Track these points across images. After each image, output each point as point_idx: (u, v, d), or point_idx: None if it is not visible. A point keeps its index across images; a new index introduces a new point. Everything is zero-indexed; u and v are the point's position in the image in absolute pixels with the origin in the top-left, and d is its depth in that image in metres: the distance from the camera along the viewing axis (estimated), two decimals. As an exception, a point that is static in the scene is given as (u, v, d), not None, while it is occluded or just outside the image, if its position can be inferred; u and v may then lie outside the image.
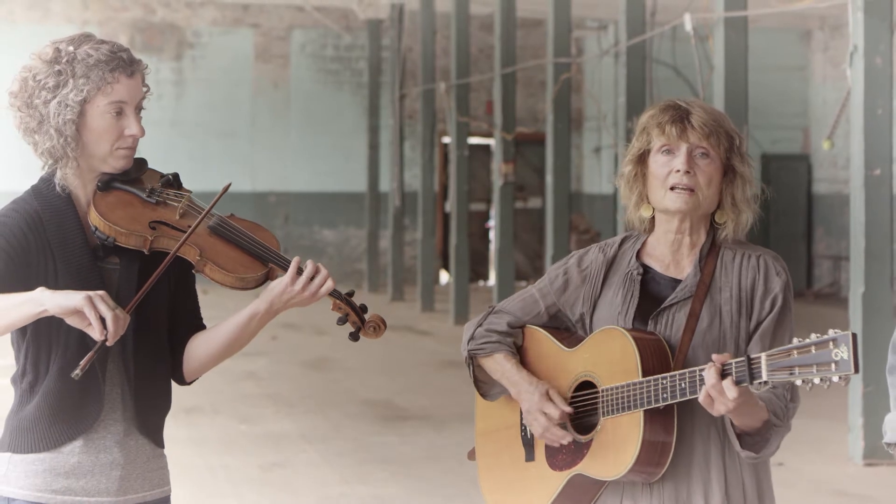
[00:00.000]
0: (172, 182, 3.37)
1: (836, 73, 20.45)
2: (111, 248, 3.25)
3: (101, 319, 3.01)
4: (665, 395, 3.21)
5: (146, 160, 3.37)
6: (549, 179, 14.07)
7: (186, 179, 3.46)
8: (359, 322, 3.30)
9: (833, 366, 2.95)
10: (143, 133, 3.27)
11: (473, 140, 20.29)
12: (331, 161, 22.55)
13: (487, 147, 22.04)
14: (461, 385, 11.35)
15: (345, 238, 22.76)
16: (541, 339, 3.54)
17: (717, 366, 3.11)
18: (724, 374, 3.11)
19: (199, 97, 22.08)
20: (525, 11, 18.29)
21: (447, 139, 20.07)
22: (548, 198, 14.27)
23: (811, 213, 21.79)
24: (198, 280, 3.41)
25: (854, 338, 2.94)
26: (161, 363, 3.33)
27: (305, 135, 22.47)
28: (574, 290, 3.52)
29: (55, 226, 3.24)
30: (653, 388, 3.23)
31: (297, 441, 9.86)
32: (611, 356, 3.33)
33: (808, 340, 2.99)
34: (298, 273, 3.23)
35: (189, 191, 3.37)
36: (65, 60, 3.21)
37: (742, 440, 3.28)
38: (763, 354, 3.07)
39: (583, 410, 3.41)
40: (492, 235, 20.91)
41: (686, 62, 16.42)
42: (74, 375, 3.09)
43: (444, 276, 22.11)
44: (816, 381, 2.98)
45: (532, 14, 19.85)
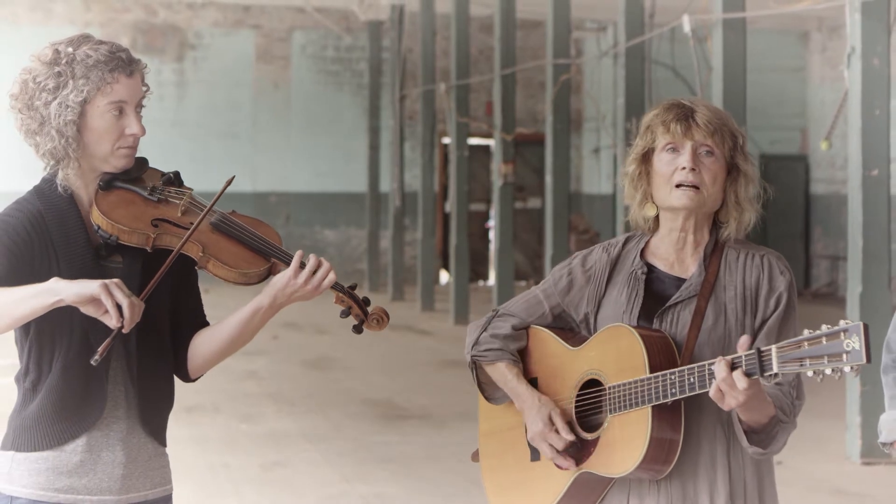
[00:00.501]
0: (173, 180, 3.36)
1: (834, 74, 20.48)
2: (114, 247, 3.25)
3: (118, 307, 3.03)
4: (674, 391, 3.20)
5: (147, 159, 3.37)
6: (549, 180, 14.10)
7: (188, 180, 3.45)
8: (362, 315, 3.30)
9: (845, 356, 2.93)
10: (144, 132, 3.27)
11: (473, 140, 20.30)
12: (331, 161, 22.56)
13: (487, 147, 22.05)
14: (461, 384, 11.36)
15: (345, 238, 22.78)
16: (545, 339, 3.53)
17: (728, 359, 3.10)
18: (734, 367, 3.09)
19: (201, 98, 22.10)
20: (525, 13, 18.30)
21: (447, 140, 20.07)
22: (547, 198, 14.29)
23: (809, 214, 21.80)
24: (200, 278, 3.41)
25: (866, 327, 2.93)
26: (164, 362, 3.33)
27: (306, 135, 22.48)
28: (578, 291, 3.51)
29: (58, 225, 3.24)
30: (661, 384, 3.22)
31: (298, 440, 9.86)
32: (618, 354, 3.32)
33: (819, 332, 2.98)
34: (301, 267, 3.23)
35: (190, 188, 3.37)
36: (64, 62, 3.21)
37: (749, 436, 3.27)
38: (773, 346, 3.06)
39: (589, 408, 3.40)
40: (492, 235, 20.91)
41: (685, 63, 16.48)
42: (94, 361, 3.09)
43: (444, 276, 22.11)
44: (828, 372, 2.96)
45: (531, 15, 19.85)
